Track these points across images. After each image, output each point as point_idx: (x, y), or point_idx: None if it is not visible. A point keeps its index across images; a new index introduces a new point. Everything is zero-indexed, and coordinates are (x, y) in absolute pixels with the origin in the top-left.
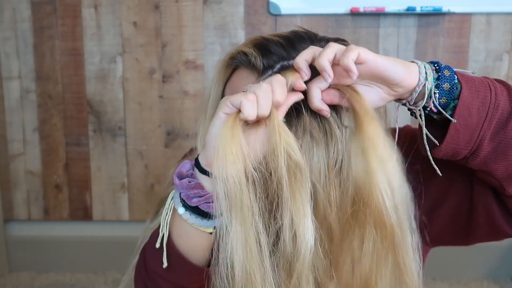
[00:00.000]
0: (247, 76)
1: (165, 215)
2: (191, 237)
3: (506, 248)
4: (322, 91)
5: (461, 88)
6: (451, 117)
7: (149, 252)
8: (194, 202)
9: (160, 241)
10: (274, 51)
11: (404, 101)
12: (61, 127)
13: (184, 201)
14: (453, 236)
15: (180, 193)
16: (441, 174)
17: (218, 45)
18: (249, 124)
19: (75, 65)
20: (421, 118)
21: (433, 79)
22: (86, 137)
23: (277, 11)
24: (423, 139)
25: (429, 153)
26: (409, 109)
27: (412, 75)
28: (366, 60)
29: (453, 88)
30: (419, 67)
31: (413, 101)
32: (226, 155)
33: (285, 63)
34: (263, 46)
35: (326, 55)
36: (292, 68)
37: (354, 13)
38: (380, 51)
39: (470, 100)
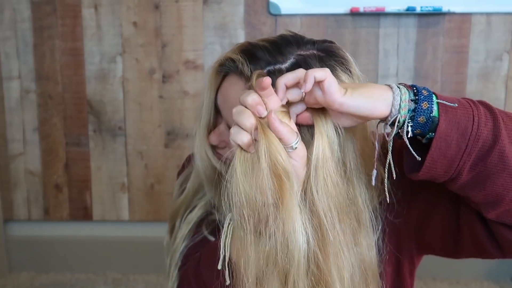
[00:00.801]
0: (236, 82)
1: (224, 238)
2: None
3: None
4: (297, 115)
5: (438, 121)
6: (417, 154)
7: (207, 275)
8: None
9: (221, 263)
10: (261, 56)
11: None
12: (61, 127)
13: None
14: (442, 249)
15: None
16: (393, 202)
17: (218, 45)
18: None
19: (75, 65)
20: (389, 145)
21: (408, 111)
22: (86, 137)
23: (277, 11)
24: (389, 164)
25: (386, 182)
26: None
27: (383, 107)
28: (337, 107)
29: (428, 121)
30: (393, 98)
31: (387, 127)
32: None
33: (271, 67)
34: (249, 52)
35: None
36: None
37: (354, 13)
38: (380, 51)
39: (449, 132)
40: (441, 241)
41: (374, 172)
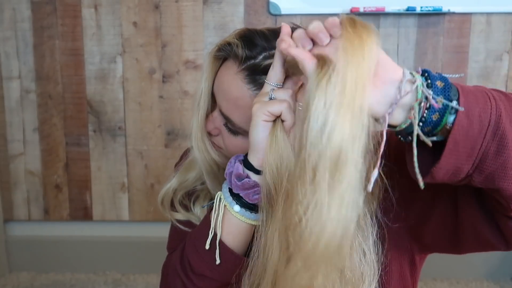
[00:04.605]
0: (230, 66)
1: (215, 216)
2: (242, 232)
3: None
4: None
5: (456, 115)
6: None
7: (194, 257)
8: (255, 199)
9: (210, 242)
10: (257, 42)
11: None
12: (61, 127)
13: (241, 199)
14: (444, 248)
15: (239, 193)
16: (422, 187)
17: None
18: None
19: (75, 65)
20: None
21: (417, 111)
22: (86, 137)
23: (277, 11)
24: (412, 162)
25: (417, 170)
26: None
27: (382, 108)
28: None
29: (442, 118)
30: (399, 91)
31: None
32: (277, 158)
33: (267, 53)
34: (246, 37)
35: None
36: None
37: (354, 13)
38: None
39: (469, 105)
40: (441, 239)
41: (375, 172)
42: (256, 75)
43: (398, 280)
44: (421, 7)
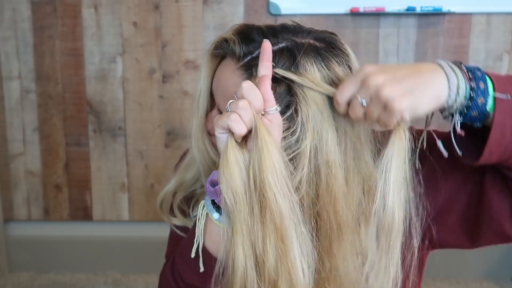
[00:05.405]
0: (228, 64)
1: (198, 224)
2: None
3: (506, 248)
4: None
5: (494, 112)
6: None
7: (183, 267)
8: None
9: (195, 250)
10: (254, 38)
11: None
12: (61, 127)
13: (217, 206)
14: (460, 238)
15: (213, 200)
16: (446, 156)
17: None
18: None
19: (75, 65)
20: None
21: (461, 107)
22: (86, 137)
23: (277, 11)
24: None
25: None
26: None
27: (438, 102)
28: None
29: (481, 115)
30: (449, 94)
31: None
32: (231, 172)
33: None
34: (244, 32)
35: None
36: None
37: (354, 13)
38: (380, 51)
39: (503, 121)
40: (460, 228)
41: (440, 143)
42: (255, 71)
43: (405, 280)
44: (421, 7)
